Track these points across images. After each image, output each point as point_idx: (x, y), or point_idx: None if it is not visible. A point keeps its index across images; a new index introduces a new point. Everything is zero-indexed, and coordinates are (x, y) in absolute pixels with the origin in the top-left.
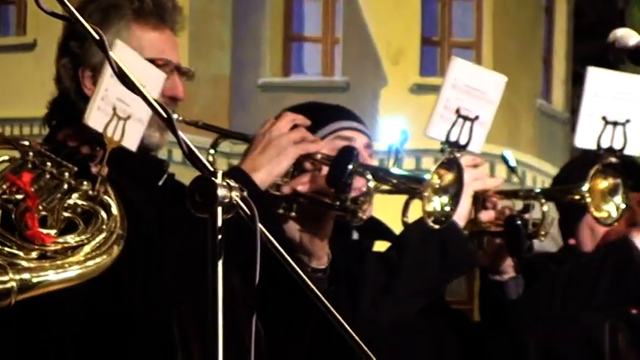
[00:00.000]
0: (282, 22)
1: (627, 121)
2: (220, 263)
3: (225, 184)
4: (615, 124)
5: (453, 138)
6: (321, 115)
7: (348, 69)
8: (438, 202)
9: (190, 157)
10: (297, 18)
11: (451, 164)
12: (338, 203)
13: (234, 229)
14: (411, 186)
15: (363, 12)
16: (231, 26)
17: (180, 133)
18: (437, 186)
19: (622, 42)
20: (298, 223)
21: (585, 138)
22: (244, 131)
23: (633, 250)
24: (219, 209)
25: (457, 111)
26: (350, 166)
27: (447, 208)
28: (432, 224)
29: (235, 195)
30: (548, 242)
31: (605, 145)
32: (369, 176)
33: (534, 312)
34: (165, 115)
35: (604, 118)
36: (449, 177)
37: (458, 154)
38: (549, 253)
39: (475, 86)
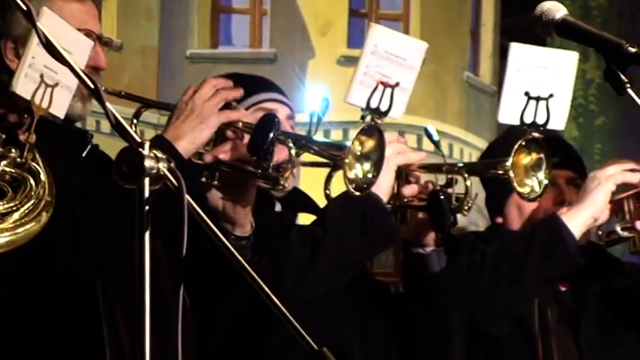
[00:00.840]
0: None
1: (550, 95)
2: (147, 235)
3: (152, 155)
4: (538, 99)
5: (373, 104)
6: (243, 87)
7: (275, 41)
8: (360, 169)
9: (118, 128)
10: None
11: (372, 131)
12: (260, 171)
13: (161, 200)
14: (332, 153)
15: None
16: None
17: (107, 104)
18: (358, 153)
19: (549, 15)
20: (221, 192)
21: (509, 113)
22: (173, 102)
23: (562, 229)
24: (147, 180)
25: (377, 77)
26: (271, 134)
27: (370, 175)
28: (353, 191)
29: (163, 166)
30: (478, 216)
31: (528, 120)
32: (291, 144)
33: (460, 286)
34: (93, 86)
35: (527, 94)
36: (370, 144)
37: (379, 121)
38: (477, 231)
39: (395, 53)
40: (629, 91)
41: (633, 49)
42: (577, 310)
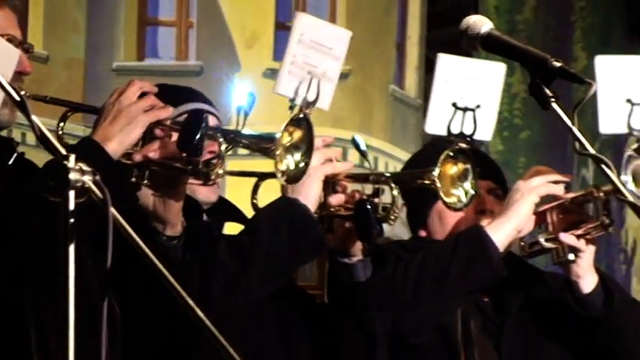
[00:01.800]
0: (136, 6)
1: (477, 106)
2: (72, 246)
3: (77, 167)
4: (465, 109)
5: (301, 94)
6: (171, 97)
7: (202, 53)
8: (290, 160)
9: (43, 140)
10: (152, 1)
11: (300, 121)
12: (190, 167)
13: (87, 211)
14: (262, 145)
15: None
16: (86, 9)
17: (33, 116)
18: (288, 144)
19: (474, 29)
20: (151, 191)
21: (436, 124)
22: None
23: (485, 241)
24: (72, 193)
25: (304, 67)
26: (200, 129)
27: (301, 165)
28: (284, 182)
29: (88, 179)
30: (404, 229)
31: (455, 130)
32: (221, 138)
33: (384, 296)
34: (18, 98)
35: (454, 104)
36: (299, 134)
37: (307, 110)
38: (401, 240)
39: (321, 41)
40: (554, 105)
41: (558, 64)
42: (499, 320)
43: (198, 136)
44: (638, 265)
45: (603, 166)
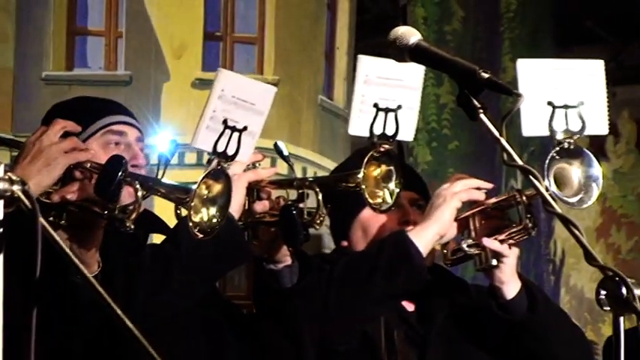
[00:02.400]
0: (65, 15)
1: (399, 107)
2: (1, 256)
3: (6, 177)
4: (387, 110)
5: (220, 148)
6: (91, 110)
7: (131, 63)
8: (205, 213)
9: None
10: (81, 11)
11: (218, 175)
12: (106, 212)
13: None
14: (179, 196)
15: (147, 6)
16: (15, 19)
17: None
18: (205, 196)
19: (402, 40)
20: (68, 232)
21: (358, 126)
22: (28, 124)
23: (408, 244)
24: (1, 202)
25: (224, 122)
26: (118, 176)
27: (214, 220)
28: (197, 234)
29: (17, 188)
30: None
31: (377, 132)
32: (138, 185)
33: (310, 302)
34: None
35: (375, 105)
36: (217, 188)
37: (225, 165)
38: (322, 253)
39: (243, 97)
40: (482, 116)
41: (486, 75)
42: (424, 331)
43: (115, 183)
44: (566, 276)
45: (531, 177)
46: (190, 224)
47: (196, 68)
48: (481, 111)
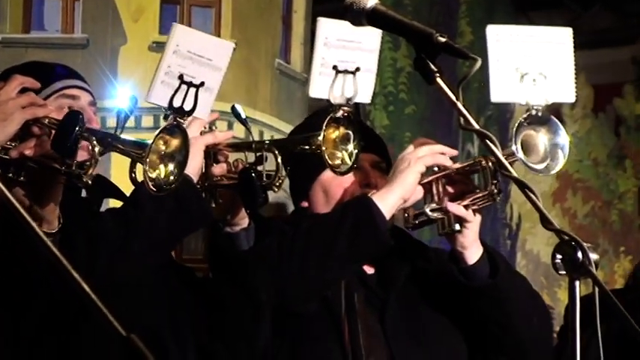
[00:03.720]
0: None
1: (357, 69)
2: None
3: None
4: (346, 72)
5: (177, 104)
6: (44, 75)
7: (87, 26)
8: (162, 169)
9: None
10: None
11: (175, 130)
12: (64, 168)
13: None
14: (136, 152)
15: None
16: None
17: None
18: (162, 152)
19: (359, 4)
20: (27, 188)
21: (318, 88)
22: None
23: (372, 208)
24: None
25: (180, 77)
26: (75, 132)
27: (172, 177)
28: (152, 189)
29: None
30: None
31: (336, 94)
32: (95, 142)
33: (269, 265)
34: None
35: (335, 68)
36: (174, 143)
37: (182, 120)
38: (281, 215)
39: (200, 53)
40: (439, 80)
41: (443, 39)
42: (384, 294)
43: (72, 138)
44: (522, 240)
45: (487, 142)
46: (147, 179)
47: (153, 31)
48: (438, 75)
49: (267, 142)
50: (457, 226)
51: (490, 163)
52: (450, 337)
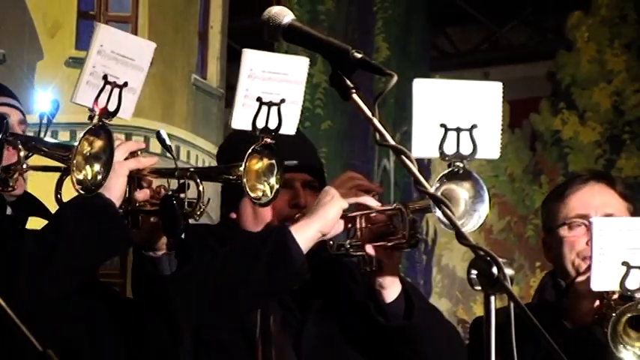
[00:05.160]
0: None
1: (282, 100)
2: None
3: None
4: (270, 104)
5: (101, 105)
6: None
7: (4, 41)
8: (89, 170)
9: None
10: None
11: (99, 131)
12: None
13: None
14: (61, 154)
15: None
16: None
17: None
18: (87, 153)
19: (276, 20)
20: None
21: (241, 119)
22: None
23: (289, 242)
24: None
25: (104, 77)
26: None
27: (99, 177)
28: (81, 191)
29: None
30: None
31: (260, 125)
32: (20, 145)
33: (187, 292)
34: None
35: (259, 99)
36: (99, 144)
37: (107, 121)
38: (208, 224)
39: (123, 53)
40: (355, 96)
41: (359, 55)
42: (301, 316)
43: None
44: (438, 256)
45: (403, 157)
46: (74, 181)
47: (70, 47)
48: (353, 91)
49: (190, 169)
50: (376, 267)
51: (410, 213)
52: None
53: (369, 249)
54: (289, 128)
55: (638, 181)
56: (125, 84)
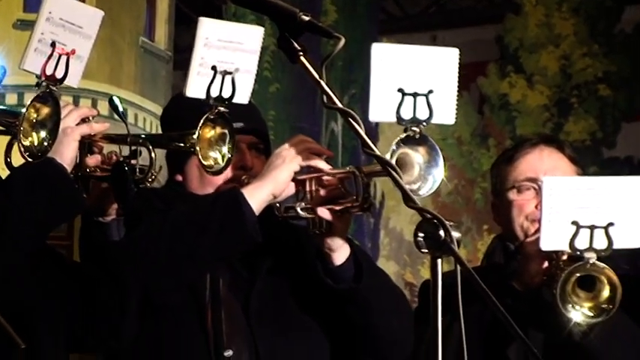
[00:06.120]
0: None
1: (236, 69)
2: None
3: None
4: (225, 73)
5: (49, 72)
6: None
7: None
8: (35, 137)
9: None
10: None
11: (47, 98)
12: None
13: None
14: (8, 120)
15: None
16: None
17: None
18: (34, 120)
19: None
20: None
21: (196, 87)
22: None
23: (242, 204)
24: None
25: (52, 44)
26: None
27: (45, 143)
28: (28, 158)
29: None
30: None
31: (214, 94)
32: None
33: (137, 256)
34: None
35: (214, 68)
36: (45, 111)
37: (54, 88)
38: (154, 187)
39: (71, 20)
40: (302, 58)
41: (307, 17)
42: (250, 278)
43: None
44: (386, 219)
45: (350, 120)
46: (21, 147)
47: (18, 9)
48: (301, 54)
49: (142, 136)
50: (326, 229)
51: (363, 176)
52: (312, 328)
53: (322, 211)
54: (242, 97)
55: (586, 145)
56: (73, 51)
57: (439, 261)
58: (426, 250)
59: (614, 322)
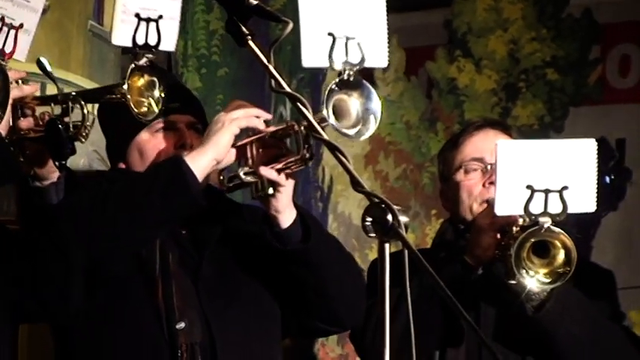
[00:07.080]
0: None
1: (160, 17)
2: None
3: None
4: (149, 20)
5: None
6: None
7: None
8: None
9: None
10: None
11: None
12: None
13: None
14: None
15: None
16: None
17: None
18: None
19: None
20: None
21: (121, 36)
22: None
23: (184, 169)
24: None
25: (1, 19)
26: None
27: None
28: None
29: None
30: None
31: (140, 41)
32: None
33: (80, 223)
34: None
35: (137, 15)
36: None
37: (3, 62)
38: (101, 170)
39: None
40: (250, 42)
41: (254, 1)
42: (197, 254)
43: None
44: (334, 203)
45: (299, 104)
46: None
47: None
48: (249, 37)
49: (72, 93)
50: (270, 190)
51: (302, 128)
52: (263, 297)
53: (263, 170)
54: (168, 44)
55: (534, 129)
56: (21, 25)
57: (387, 245)
58: (374, 235)
59: (565, 296)
